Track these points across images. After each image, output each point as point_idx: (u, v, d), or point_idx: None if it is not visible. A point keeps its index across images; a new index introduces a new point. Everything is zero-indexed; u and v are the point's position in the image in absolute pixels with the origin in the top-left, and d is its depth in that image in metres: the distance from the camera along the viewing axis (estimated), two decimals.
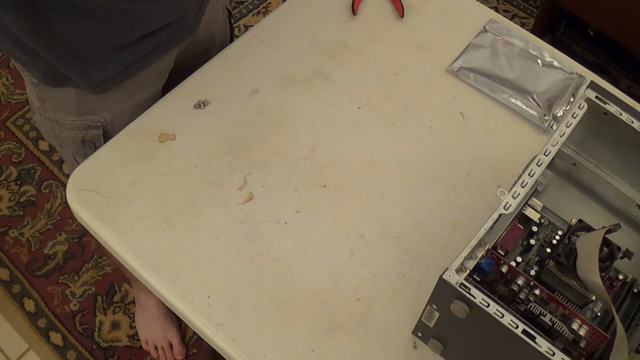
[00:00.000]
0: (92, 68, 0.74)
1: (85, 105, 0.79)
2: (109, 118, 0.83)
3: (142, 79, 0.81)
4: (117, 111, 0.83)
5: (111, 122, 0.83)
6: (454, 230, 0.76)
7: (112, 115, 0.83)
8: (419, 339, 0.68)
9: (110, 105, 0.82)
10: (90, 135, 0.84)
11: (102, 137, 0.84)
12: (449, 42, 0.92)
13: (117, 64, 0.75)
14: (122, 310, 1.42)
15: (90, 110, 0.81)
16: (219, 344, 0.68)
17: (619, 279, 0.66)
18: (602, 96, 0.67)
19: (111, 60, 0.74)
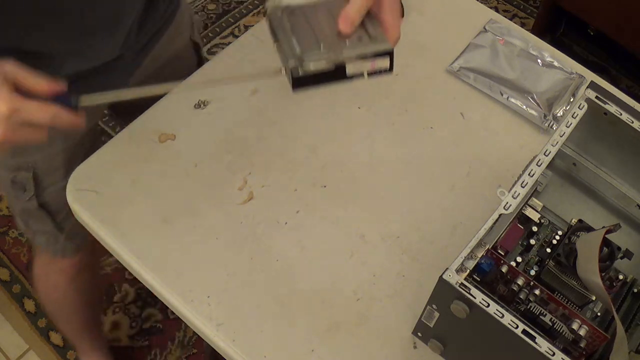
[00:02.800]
0: None
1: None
2: (40, 161, 0.79)
3: None
4: (50, 154, 0.80)
5: (43, 165, 0.80)
6: (454, 230, 0.76)
7: (44, 158, 0.80)
8: (419, 339, 0.68)
9: (42, 147, 0.78)
10: (21, 177, 0.80)
11: (32, 181, 0.80)
12: (449, 42, 0.92)
13: None
14: (122, 310, 1.42)
15: (23, 151, 0.78)
16: (219, 344, 0.68)
17: (619, 279, 0.66)
18: (602, 96, 0.67)
19: None
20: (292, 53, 0.57)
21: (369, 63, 0.58)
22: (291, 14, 0.61)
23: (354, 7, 0.57)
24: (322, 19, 0.61)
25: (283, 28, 0.59)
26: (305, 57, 0.57)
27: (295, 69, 0.56)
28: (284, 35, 0.59)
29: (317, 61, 0.56)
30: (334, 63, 0.57)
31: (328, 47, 0.57)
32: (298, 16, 0.61)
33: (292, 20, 0.60)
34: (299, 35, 0.59)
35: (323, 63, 0.57)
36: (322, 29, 0.59)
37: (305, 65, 0.56)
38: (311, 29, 0.60)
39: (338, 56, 0.57)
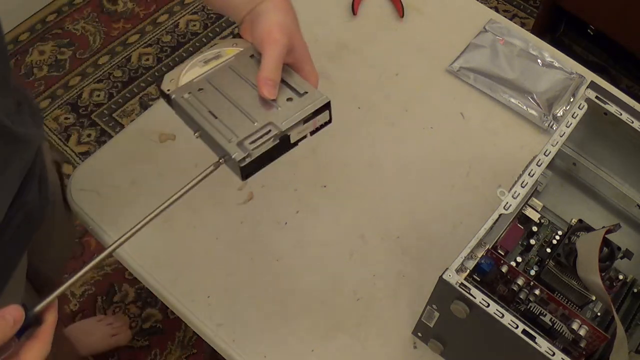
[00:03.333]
0: None
1: None
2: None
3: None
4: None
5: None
6: (454, 230, 0.76)
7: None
8: (419, 339, 0.68)
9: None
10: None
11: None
12: (449, 42, 0.92)
13: None
14: (122, 310, 1.42)
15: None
16: (219, 344, 0.68)
17: (619, 279, 0.66)
18: (602, 96, 0.67)
19: None
20: (226, 141, 0.51)
21: (311, 123, 0.53)
22: (199, 92, 0.54)
23: (270, 67, 0.53)
24: (236, 87, 0.55)
25: (199, 112, 0.53)
26: (245, 142, 0.50)
27: (242, 159, 0.50)
28: (205, 121, 0.52)
29: (261, 144, 0.50)
30: (278, 137, 0.51)
31: (262, 120, 0.52)
32: (208, 91, 0.54)
33: (203, 98, 0.54)
34: (222, 116, 0.52)
35: (269, 142, 0.51)
36: (242, 99, 0.53)
37: (251, 152, 0.50)
38: (230, 102, 0.54)
39: (282, 129, 0.51)
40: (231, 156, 0.50)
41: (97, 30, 1.82)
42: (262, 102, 0.53)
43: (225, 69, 0.56)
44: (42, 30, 1.80)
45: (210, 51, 0.58)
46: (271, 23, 0.54)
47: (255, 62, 0.56)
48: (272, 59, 0.53)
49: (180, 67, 0.56)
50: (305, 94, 0.54)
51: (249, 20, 0.57)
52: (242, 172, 0.51)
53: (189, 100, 0.54)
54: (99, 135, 1.64)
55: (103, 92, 1.71)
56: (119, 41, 1.80)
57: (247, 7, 0.57)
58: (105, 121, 1.66)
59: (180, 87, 0.55)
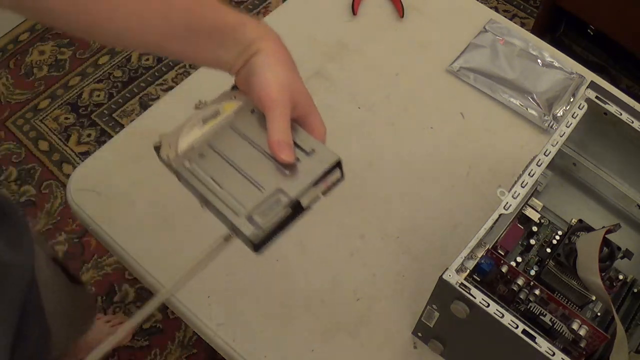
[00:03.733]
0: None
1: None
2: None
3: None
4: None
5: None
6: (454, 230, 0.76)
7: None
8: (419, 339, 0.68)
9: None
10: None
11: None
12: (449, 42, 0.92)
13: None
14: (122, 310, 1.41)
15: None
16: (219, 344, 0.68)
17: (619, 279, 0.66)
18: (602, 96, 0.67)
19: None
20: (234, 215, 0.47)
21: (322, 184, 0.49)
22: (201, 158, 0.50)
23: (279, 130, 0.48)
24: (239, 149, 0.50)
25: (203, 182, 0.49)
26: (255, 215, 0.46)
27: (254, 235, 0.46)
28: (210, 193, 0.48)
29: (272, 216, 0.46)
30: (290, 205, 0.47)
31: (270, 187, 0.48)
32: (210, 157, 0.50)
33: (206, 166, 0.50)
34: (228, 185, 0.48)
35: (280, 213, 0.47)
36: (246, 164, 0.49)
37: (263, 225, 0.46)
38: (234, 168, 0.49)
39: (292, 196, 0.47)
40: (242, 232, 0.46)
41: None
42: (268, 165, 0.49)
43: (225, 128, 0.52)
44: (42, 30, 1.80)
45: (209, 108, 0.54)
46: (269, 83, 0.49)
47: (257, 118, 0.52)
48: (279, 122, 0.49)
49: (178, 129, 0.52)
50: (313, 152, 0.49)
51: (243, 75, 0.52)
52: (255, 248, 0.47)
53: (191, 169, 0.50)
54: (99, 135, 1.64)
55: (103, 92, 1.71)
56: None
57: (238, 62, 0.52)
58: (105, 121, 1.66)
59: (180, 154, 0.51)
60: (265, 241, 0.47)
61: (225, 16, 0.50)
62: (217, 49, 0.51)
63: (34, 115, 1.67)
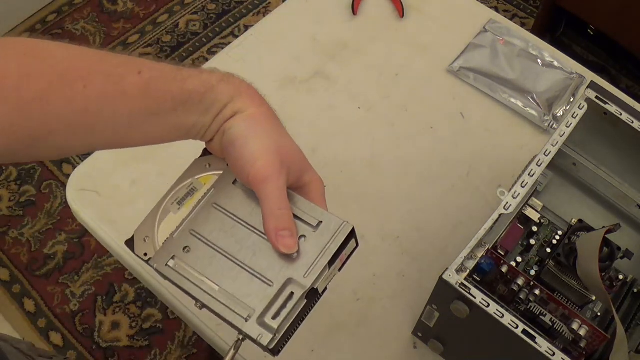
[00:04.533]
0: None
1: None
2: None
3: None
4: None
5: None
6: (454, 230, 0.76)
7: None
8: (419, 339, 0.68)
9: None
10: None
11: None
12: (449, 42, 0.92)
13: None
14: (122, 310, 1.42)
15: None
16: (219, 344, 0.68)
17: (619, 279, 0.66)
18: (602, 96, 0.67)
19: None
20: (242, 320, 0.40)
21: (338, 261, 0.42)
22: (185, 252, 0.42)
23: (277, 214, 0.41)
24: (229, 234, 0.42)
25: (194, 283, 0.42)
26: (266, 317, 0.40)
27: (270, 341, 0.40)
28: (205, 295, 0.41)
29: (287, 314, 0.40)
30: (305, 295, 0.41)
31: (279, 279, 0.40)
32: (196, 250, 0.42)
33: (194, 261, 0.42)
34: (226, 284, 0.41)
35: (296, 308, 0.40)
36: (242, 251, 0.41)
37: (279, 328, 0.40)
38: (229, 259, 0.41)
39: (307, 286, 0.41)
40: (255, 339, 0.40)
41: (97, 30, 1.82)
42: (268, 249, 0.42)
43: (207, 209, 0.44)
44: (42, 30, 1.80)
45: (182, 185, 0.46)
46: (255, 155, 0.42)
47: (242, 190, 0.44)
48: (274, 202, 0.41)
49: (151, 218, 0.45)
50: (320, 224, 0.42)
51: (218, 142, 0.45)
52: (274, 354, 0.41)
53: (175, 267, 0.42)
54: None
55: None
56: (119, 41, 1.80)
57: (212, 129, 0.44)
58: None
59: (159, 250, 0.43)
60: (282, 343, 0.41)
61: (186, 84, 0.42)
62: (185, 123, 0.43)
63: None
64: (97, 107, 0.39)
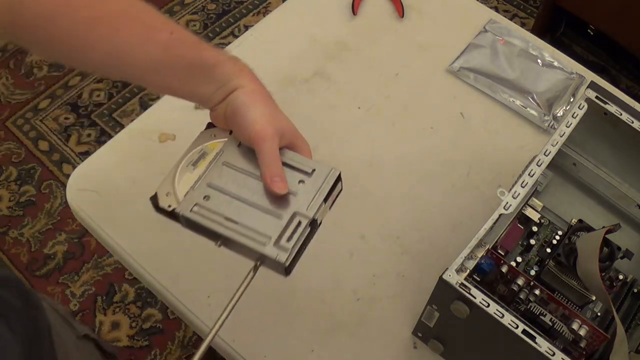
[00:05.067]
0: None
1: None
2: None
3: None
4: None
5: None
6: (454, 230, 0.76)
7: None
8: (419, 339, 0.68)
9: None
10: None
11: None
12: (449, 42, 0.92)
13: None
14: (122, 310, 1.42)
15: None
16: (219, 344, 0.68)
17: (619, 279, 0.66)
18: (602, 96, 0.67)
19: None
20: (261, 245, 0.49)
21: (330, 199, 0.52)
22: (205, 200, 0.51)
23: (271, 164, 0.51)
24: (240, 184, 0.52)
25: (216, 222, 0.50)
26: (281, 241, 0.49)
27: (287, 259, 0.49)
28: (227, 230, 0.50)
29: (297, 238, 0.49)
30: (309, 224, 0.50)
31: (286, 213, 0.50)
32: (214, 197, 0.51)
33: (213, 206, 0.51)
34: (243, 219, 0.50)
35: (303, 234, 0.50)
36: (253, 196, 0.51)
37: (291, 248, 0.49)
38: (243, 202, 0.51)
39: (310, 216, 0.50)
40: (274, 259, 0.49)
41: None
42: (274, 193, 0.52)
43: (219, 167, 0.53)
44: None
45: (194, 151, 0.55)
46: (255, 120, 0.52)
47: (246, 150, 0.54)
48: (269, 156, 0.52)
49: (170, 177, 0.54)
50: (314, 171, 0.53)
51: (222, 111, 0.54)
52: (287, 271, 0.50)
53: (199, 212, 0.51)
54: (99, 135, 1.64)
55: (103, 92, 1.71)
56: None
57: (216, 98, 0.54)
58: (105, 121, 1.66)
59: (183, 201, 0.52)
60: (293, 263, 0.50)
61: (203, 54, 0.53)
62: (194, 85, 0.53)
63: (34, 115, 1.67)
64: (130, 45, 0.50)
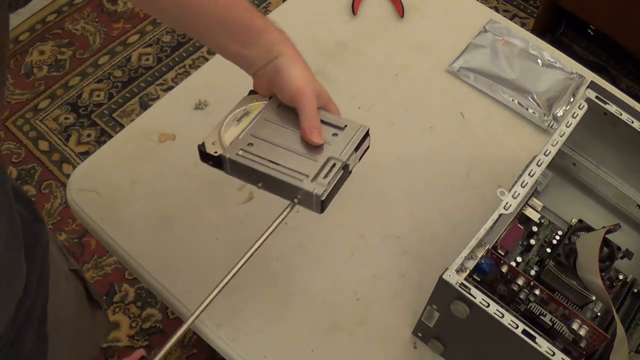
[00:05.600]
0: None
1: None
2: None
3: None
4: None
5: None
6: (454, 230, 0.76)
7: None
8: (419, 339, 0.68)
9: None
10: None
11: None
12: (449, 42, 0.92)
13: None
14: (122, 310, 1.41)
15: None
16: (219, 344, 0.68)
17: (619, 279, 0.66)
18: (602, 96, 0.67)
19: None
20: (299, 181, 0.54)
21: (360, 150, 0.57)
22: (249, 146, 0.57)
23: (311, 117, 0.57)
24: (281, 135, 0.58)
25: (259, 163, 0.56)
26: (318, 178, 0.54)
27: (322, 193, 0.53)
28: (269, 169, 0.55)
29: (332, 177, 0.54)
30: (342, 167, 0.55)
31: (322, 157, 0.55)
32: (258, 144, 0.57)
33: (257, 151, 0.57)
34: (283, 162, 0.56)
35: (337, 174, 0.55)
36: (292, 145, 0.57)
37: (327, 184, 0.54)
38: (283, 149, 0.57)
39: (343, 160, 0.55)
40: (312, 192, 0.53)
41: (97, 30, 1.82)
42: (310, 144, 0.57)
43: (261, 121, 0.59)
44: (42, 30, 1.80)
45: (238, 110, 0.60)
46: (297, 78, 0.57)
47: (285, 110, 0.59)
48: (309, 110, 0.57)
49: (216, 130, 0.59)
50: (346, 127, 0.58)
51: (265, 74, 0.59)
52: (323, 206, 0.54)
53: (244, 155, 0.56)
54: (99, 135, 1.64)
55: (103, 92, 1.71)
56: (119, 41, 1.80)
57: (260, 63, 0.59)
58: (105, 121, 1.66)
59: (228, 147, 0.57)
60: (328, 200, 0.54)
61: (256, 20, 0.58)
62: (244, 47, 0.59)
63: (34, 115, 1.67)
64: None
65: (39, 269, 0.63)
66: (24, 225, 0.56)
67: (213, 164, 0.59)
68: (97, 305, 0.84)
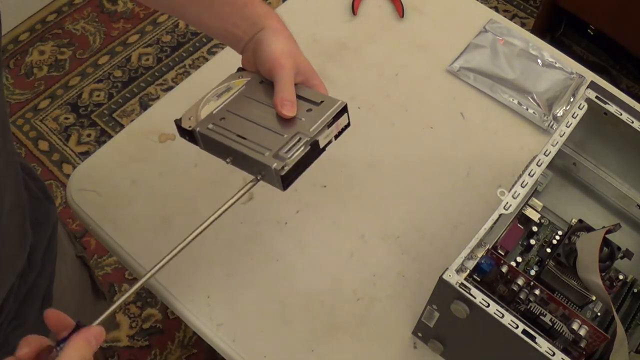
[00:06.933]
0: None
1: None
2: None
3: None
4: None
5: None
6: (454, 230, 0.76)
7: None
8: (419, 339, 0.68)
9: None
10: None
11: None
12: (449, 42, 0.92)
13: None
14: (122, 310, 1.42)
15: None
16: (219, 344, 0.68)
17: (619, 279, 0.66)
18: (602, 96, 0.67)
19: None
20: (261, 155, 0.53)
21: (334, 127, 0.56)
22: (221, 120, 0.57)
23: (284, 89, 0.56)
24: (255, 110, 0.57)
25: (226, 137, 0.55)
26: (280, 153, 0.52)
27: (281, 168, 0.52)
28: (235, 144, 0.54)
29: (295, 152, 0.52)
30: (309, 143, 0.53)
31: (290, 132, 0.54)
32: (230, 119, 0.57)
33: (227, 125, 0.56)
34: (251, 136, 0.55)
35: (302, 149, 0.53)
36: (264, 119, 0.56)
37: (287, 160, 0.52)
38: (254, 123, 0.56)
39: (310, 135, 0.54)
40: (271, 167, 0.52)
41: (97, 30, 1.82)
42: (285, 119, 0.56)
43: (240, 97, 0.59)
44: (42, 30, 1.80)
45: (221, 86, 0.60)
46: (275, 50, 0.57)
47: (266, 86, 0.59)
48: (284, 82, 0.56)
49: (196, 105, 0.59)
50: (322, 102, 0.57)
51: (250, 49, 0.59)
52: (283, 182, 0.52)
53: (214, 129, 0.56)
54: (99, 135, 1.64)
55: (103, 92, 1.71)
56: (119, 41, 1.80)
57: (246, 38, 0.59)
58: (105, 121, 1.66)
59: (201, 121, 0.57)
60: (291, 177, 0.53)
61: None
62: (229, 23, 0.59)
63: (34, 115, 1.67)
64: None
65: (45, 246, 0.63)
66: (36, 202, 0.57)
67: (189, 139, 0.59)
68: (102, 296, 0.84)
